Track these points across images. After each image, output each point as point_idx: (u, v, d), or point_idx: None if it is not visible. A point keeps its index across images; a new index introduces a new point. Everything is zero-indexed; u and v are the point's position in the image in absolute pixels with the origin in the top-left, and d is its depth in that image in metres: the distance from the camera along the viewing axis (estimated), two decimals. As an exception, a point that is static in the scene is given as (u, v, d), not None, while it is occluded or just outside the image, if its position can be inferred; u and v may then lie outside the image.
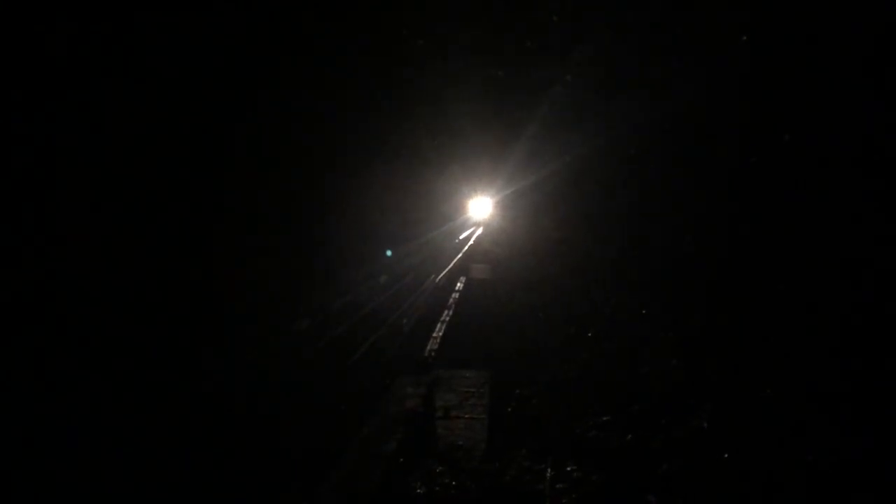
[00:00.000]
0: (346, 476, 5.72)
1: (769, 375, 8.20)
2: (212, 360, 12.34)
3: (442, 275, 25.96)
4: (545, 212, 22.18)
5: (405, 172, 33.51)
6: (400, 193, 34.06)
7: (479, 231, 51.75)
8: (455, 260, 31.64)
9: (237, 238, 19.92)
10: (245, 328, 14.93)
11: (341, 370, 12.09)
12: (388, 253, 23.68)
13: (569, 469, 6.70)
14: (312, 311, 17.33)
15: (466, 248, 39.08)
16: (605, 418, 8.25)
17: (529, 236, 26.80)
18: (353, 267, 25.63)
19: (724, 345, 9.51)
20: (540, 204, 23.08)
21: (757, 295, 9.62)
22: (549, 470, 6.69)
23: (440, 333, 15.25)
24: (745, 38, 10.13)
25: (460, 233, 50.35)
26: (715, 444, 6.99)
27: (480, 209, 53.95)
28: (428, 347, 13.93)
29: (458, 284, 23.28)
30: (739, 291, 10.21)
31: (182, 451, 7.92)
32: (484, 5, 17.65)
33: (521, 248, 27.70)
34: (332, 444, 7.92)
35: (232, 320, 15.19)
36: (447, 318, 17.03)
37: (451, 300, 19.98)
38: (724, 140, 11.10)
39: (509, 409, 9.46)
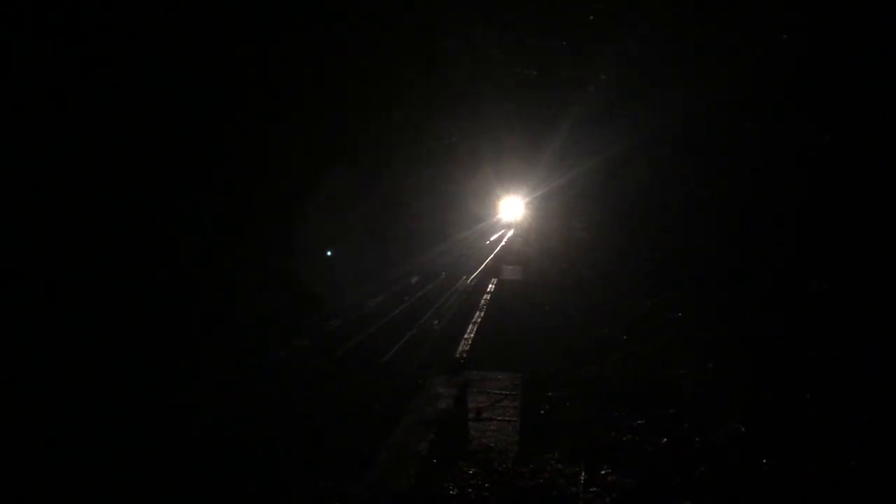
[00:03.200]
0: (379, 476, 5.73)
1: (809, 379, 8.02)
2: (247, 359, 12.51)
3: (473, 276, 25.94)
4: (577, 212, 22.00)
5: (437, 174, 33.52)
6: (431, 195, 34.10)
7: (511, 232, 51.56)
8: (486, 261, 31.60)
9: (271, 239, 20.15)
10: (276, 328, 15.08)
11: (373, 370, 12.14)
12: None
13: (602, 472, 6.62)
14: (344, 311, 17.44)
15: (498, 249, 38.99)
16: (639, 421, 8.15)
17: (561, 237, 26.60)
18: (385, 268, 25.75)
19: (762, 347, 9.33)
20: (571, 204, 22.89)
21: (798, 297, 9.43)
22: (582, 473, 6.63)
23: (471, 335, 15.23)
24: (784, 36, 9.94)
25: (491, 234, 50.19)
26: (753, 449, 6.85)
27: (511, 210, 53.68)
28: (459, 348, 13.92)
29: (490, 286, 23.24)
30: (779, 293, 10.02)
31: (213, 449, 8.02)
32: (517, 5, 17.56)
33: (553, 249, 27.52)
34: (366, 444, 7.94)
35: (264, 319, 15.36)
36: (478, 320, 17.00)
37: (482, 301, 19.95)
38: (761, 140, 10.91)
39: (542, 412, 9.41)
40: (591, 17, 14.91)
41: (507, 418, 9.28)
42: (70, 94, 10.79)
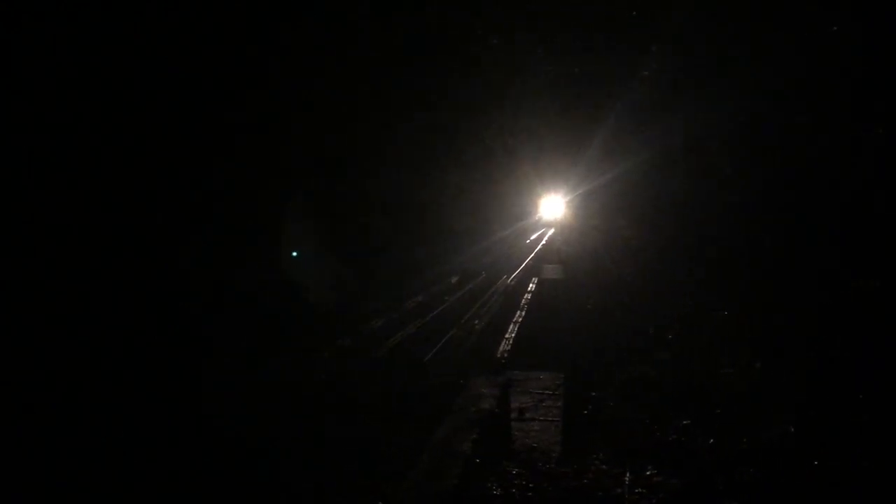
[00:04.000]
0: (423, 476, 5.76)
1: (861, 380, 7.81)
2: (292, 358, 12.71)
3: (514, 275, 25.87)
4: (619, 211, 21.78)
5: (476, 174, 33.53)
6: (471, 195, 34.12)
7: (551, 231, 51.30)
8: (526, 260, 31.47)
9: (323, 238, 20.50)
10: (320, 327, 15.29)
11: (415, 370, 12.21)
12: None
13: (648, 473, 6.55)
14: (384, 311, 17.57)
15: (538, 248, 38.80)
16: (684, 421, 8.04)
17: (603, 236, 26.39)
18: (424, 268, 25.85)
19: (811, 348, 9.12)
20: (614, 203, 22.68)
21: (848, 296, 9.19)
22: (627, 473, 6.57)
23: (512, 334, 15.20)
24: (834, 27, 9.67)
25: (531, 233, 50.00)
26: (803, 451, 6.71)
27: (552, 208, 53.52)
28: (500, 348, 13.91)
29: (530, 285, 23.15)
30: (827, 292, 9.77)
31: (255, 448, 8.16)
32: (559, 2, 17.46)
33: (594, 248, 27.31)
34: (408, 443, 8.00)
35: (308, 320, 15.62)
36: (519, 319, 16.96)
37: (523, 301, 19.89)
38: (814, 137, 10.63)
39: (585, 412, 9.35)
40: (635, 13, 14.74)
41: (550, 418, 9.25)
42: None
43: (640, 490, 6.22)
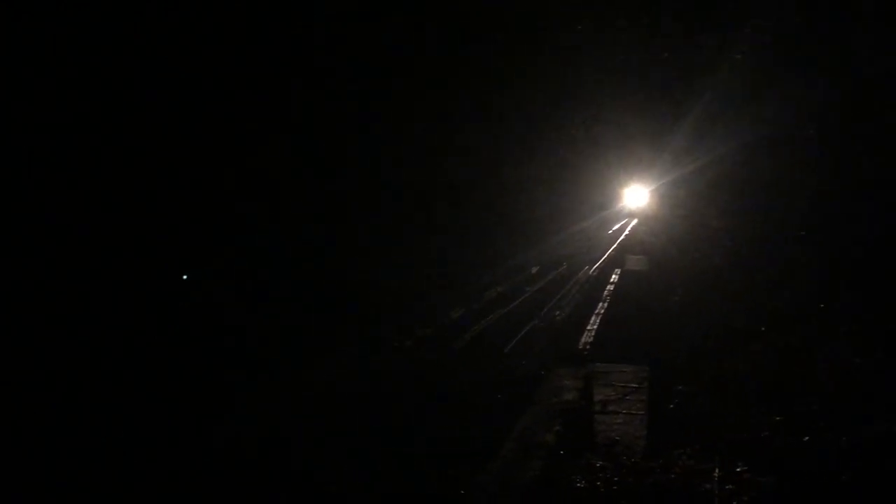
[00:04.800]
0: (505, 466, 5.80)
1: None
2: (374, 346, 13.00)
3: (596, 266, 25.46)
4: (708, 201, 21.02)
5: (558, 162, 33.16)
6: (553, 184, 33.78)
7: (634, 221, 50.12)
8: (609, 251, 30.90)
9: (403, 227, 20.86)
10: (400, 316, 15.54)
11: (495, 361, 12.22)
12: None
13: (738, 470, 6.33)
14: (465, 301, 17.65)
15: (621, 238, 38.01)
16: (777, 418, 7.72)
17: (690, 226, 25.53)
18: (505, 258, 25.80)
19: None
20: (702, 192, 21.91)
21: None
22: (716, 469, 6.37)
23: (594, 326, 14.99)
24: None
25: (615, 223, 48.98)
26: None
27: (635, 198, 52.24)
28: (583, 340, 13.75)
29: (613, 276, 22.74)
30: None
31: (332, 437, 8.38)
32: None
33: (681, 238, 26.48)
34: (490, 433, 8.04)
35: (386, 307, 15.91)
36: (602, 311, 16.71)
37: (605, 292, 19.57)
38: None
39: (671, 406, 9.12)
40: None
41: (634, 412, 9.09)
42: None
43: (729, 487, 6.02)
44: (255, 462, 7.39)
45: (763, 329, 11.30)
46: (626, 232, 42.28)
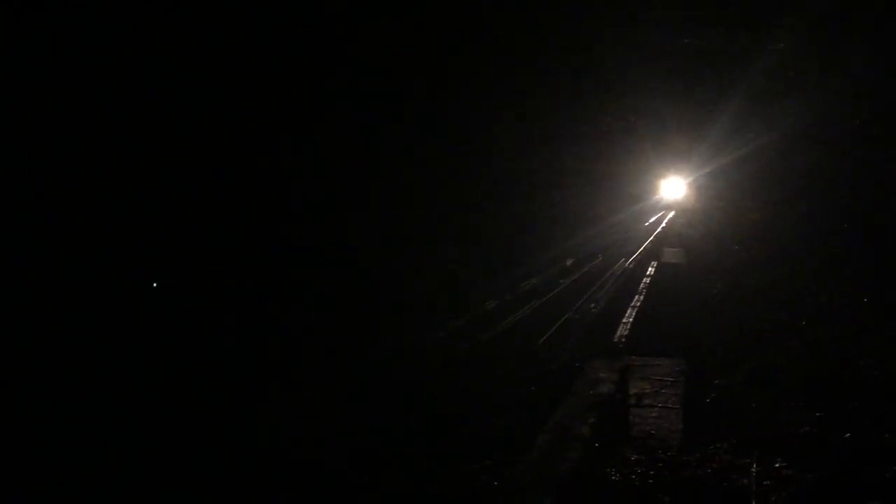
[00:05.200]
0: (541, 457, 5.80)
1: None
2: (408, 338, 13.08)
3: (632, 259, 25.21)
4: (747, 192, 20.64)
5: (592, 154, 32.87)
6: (587, 176, 33.51)
7: (671, 213, 49.46)
8: (645, 244, 30.56)
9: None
10: (431, 308, 15.60)
11: (529, 352, 12.19)
12: (568, 262, 23.50)
13: (777, 466, 6.23)
14: (497, 293, 17.63)
15: (658, 231, 37.55)
16: (818, 414, 7.57)
17: (728, 219, 25.11)
18: (537, 250, 25.69)
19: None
20: (741, 184, 21.52)
21: None
22: (754, 465, 6.28)
23: (630, 319, 14.85)
24: None
25: (651, 215, 48.40)
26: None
27: (672, 190, 51.58)
28: (618, 333, 13.63)
29: (649, 269, 22.49)
30: None
31: (366, 426, 8.46)
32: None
33: (719, 231, 26.06)
34: (524, 425, 8.03)
35: (422, 300, 15.99)
36: (637, 304, 16.54)
37: (641, 285, 19.36)
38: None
39: (708, 400, 9.00)
40: None
41: (670, 405, 8.99)
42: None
43: (768, 483, 5.93)
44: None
45: (804, 323, 11.08)
46: (663, 224, 41.73)
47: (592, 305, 16.38)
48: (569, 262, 23.56)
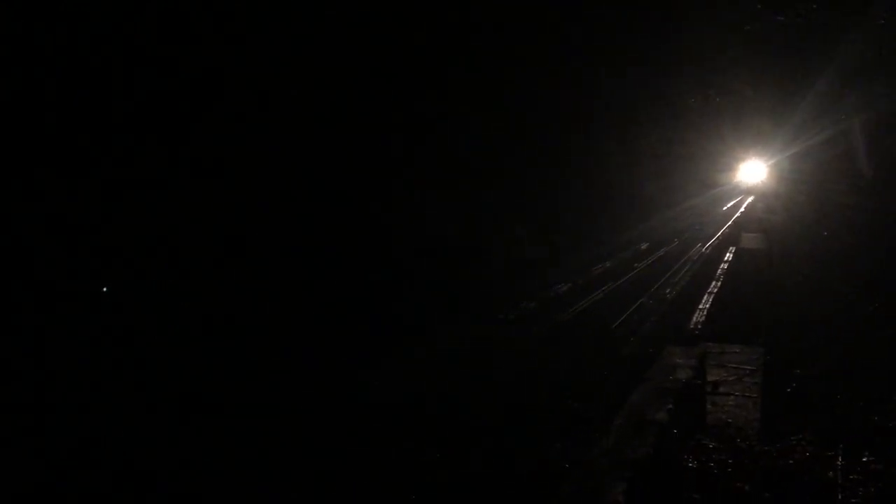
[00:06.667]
0: (617, 442, 5.76)
1: None
2: (484, 318, 13.20)
3: (709, 244, 24.53)
4: (834, 175, 19.67)
5: (670, 136, 32.05)
6: (665, 159, 32.72)
7: (751, 198, 47.71)
8: (723, 228, 29.65)
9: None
10: (504, 291, 15.67)
11: (603, 337, 12.11)
12: (643, 245, 23.08)
13: (864, 460, 6.01)
14: (572, 275, 17.51)
15: (736, 215, 36.34)
16: (908, 409, 7.26)
17: (813, 203, 24.05)
18: (613, 233, 25.32)
19: None
20: (828, 166, 20.53)
21: None
22: (839, 458, 6.08)
23: (706, 305, 14.50)
24: None
25: (729, 199, 46.84)
26: None
27: (752, 173, 49.70)
28: (694, 319, 13.35)
29: (727, 255, 21.83)
30: None
31: (439, 411, 8.62)
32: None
33: (803, 216, 25.01)
34: (600, 410, 8.02)
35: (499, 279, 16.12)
36: (714, 290, 16.12)
37: (718, 271, 18.84)
38: None
39: (788, 390, 8.76)
40: None
41: (748, 394, 8.77)
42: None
43: (855, 477, 5.74)
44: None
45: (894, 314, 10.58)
46: (742, 209, 40.35)
47: (668, 290, 16.08)
48: (643, 246, 23.14)
